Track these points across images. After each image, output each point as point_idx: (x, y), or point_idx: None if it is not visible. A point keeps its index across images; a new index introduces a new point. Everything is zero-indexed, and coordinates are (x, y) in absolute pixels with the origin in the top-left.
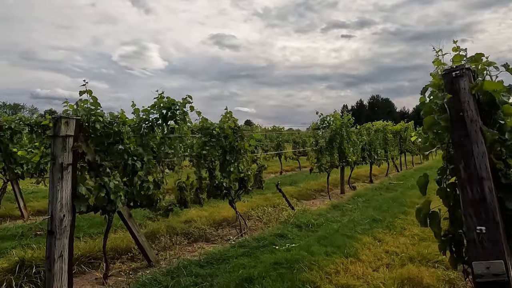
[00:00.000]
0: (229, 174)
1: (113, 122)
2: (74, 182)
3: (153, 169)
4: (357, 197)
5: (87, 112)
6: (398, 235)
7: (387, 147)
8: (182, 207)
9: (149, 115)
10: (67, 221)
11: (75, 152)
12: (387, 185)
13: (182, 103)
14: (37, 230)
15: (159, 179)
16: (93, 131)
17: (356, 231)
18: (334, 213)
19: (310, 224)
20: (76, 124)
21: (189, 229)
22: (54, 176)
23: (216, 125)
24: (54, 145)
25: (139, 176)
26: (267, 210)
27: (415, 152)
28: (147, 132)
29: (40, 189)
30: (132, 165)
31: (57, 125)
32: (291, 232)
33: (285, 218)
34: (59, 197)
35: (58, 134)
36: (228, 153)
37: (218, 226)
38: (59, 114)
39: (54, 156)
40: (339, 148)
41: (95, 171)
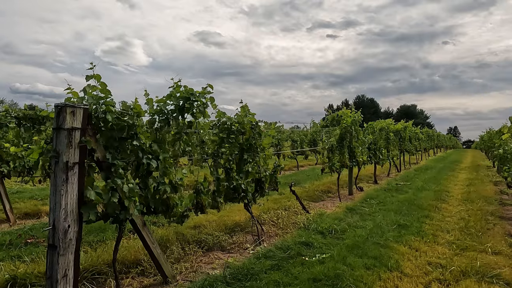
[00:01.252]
0: (246, 175)
1: (125, 113)
2: (81, 185)
3: (170, 169)
4: (370, 199)
5: (97, 101)
6: (433, 243)
7: (389, 147)
8: (199, 212)
9: (165, 106)
10: (72, 232)
11: (82, 148)
12: (395, 186)
13: (201, 93)
14: (27, 237)
15: (176, 181)
16: (103, 124)
17: (387, 238)
18: (352, 218)
19: (332, 230)
20: (84, 114)
21: (201, 236)
22: (57, 178)
23: (234, 120)
24: (57, 140)
25: (154, 178)
26: (281, 214)
27: (412, 152)
28: (162, 126)
29: (25, 188)
30: (147, 164)
31: (61, 115)
32: (316, 240)
33: (303, 223)
34: (63, 203)
35: (62, 127)
36: (246, 152)
37: (230, 232)
38: (63, 102)
39: (58, 153)
40: (349, 147)
41: (106, 171)
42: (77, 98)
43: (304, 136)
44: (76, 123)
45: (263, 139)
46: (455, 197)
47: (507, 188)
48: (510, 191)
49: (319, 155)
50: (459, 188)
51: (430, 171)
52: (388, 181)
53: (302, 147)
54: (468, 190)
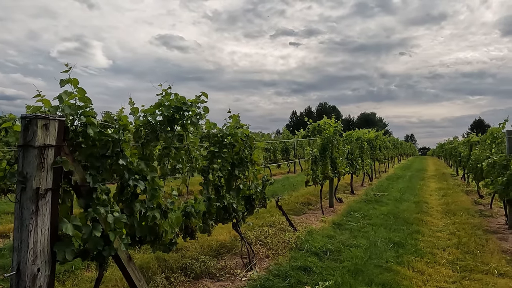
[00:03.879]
0: (237, 192)
1: (108, 126)
2: (54, 216)
3: (159, 191)
4: (353, 212)
5: (75, 111)
6: (435, 264)
7: (363, 156)
8: (188, 237)
9: (155, 117)
10: (43, 278)
11: (56, 170)
12: (373, 197)
13: (194, 102)
14: None
15: (166, 205)
16: (83, 139)
17: (387, 260)
18: (343, 235)
19: (327, 251)
20: (60, 128)
21: (185, 261)
22: (24, 209)
23: (225, 132)
24: (24, 161)
25: (142, 202)
26: (269, 232)
27: (381, 160)
28: (149, 140)
29: None
30: (133, 186)
31: (30, 129)
32: (313, 264)
33: (293, 242)
34: (32, 241)
35: (32, 144)
36: (236, 167)
37: (216, 255)
38: (33, 113)
39: (25, 178)
40: (331, 158)
41: (86, 197)
42: (49, 107)
43: (277, 145)
44: (50, 139)
45: (254, 152)
46: (435, 209)
47: (479, 198)
48: (483, 201)
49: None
50: (435, 199)
51: (402, 180)
52: (365, 192)
53: (275, 156)
54: (446, 201)
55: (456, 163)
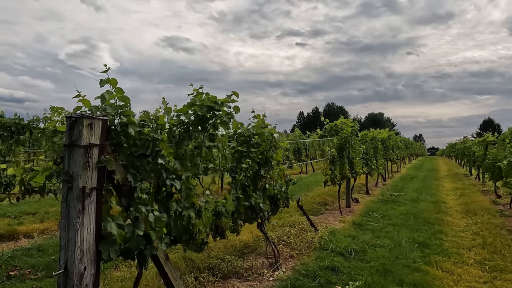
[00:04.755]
0: (264, 192)
1: (146, 125)
2: (98, 216)
3: (194, 190)
4: (372, 212)
5: (117, 111)
6: (463, 264)
7: (377, 156)
8: (218, 237)
9: (189, 116)
10: (89, 276)
11: (100, 170)
12: (390, 197)
13: (225, 101)
14: (9, 269)
15: (201, 204)
16: (125, 139)
17: (414, 260)
18: (366, 235)
19: (352, 251)
20: (103, 127)
21: (211, 261)
22: (71, 208)
23: (252, 132)
24: (70, 160)
25: (178, 201)
26: (290, 232)
27: (394, 161)
28: (182, 139)
29: None
30: (170, 186)
31: (76, 128)
32: (340, 264)
33: (317, 242)
34: (79, 240)
35: (78, 143)
36: (262, 166)
37: (241, 255)
38: (80, 112)
39: (71, 177)
40: (348, 158)
41: (127, 197)
42: (89, 107)
43: (289, 145)
44: (94, 138)
45: (278, 152)
46: (454, 209)
47: (497, 198)
48: (501, 200)
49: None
50: (453, 199)
51: (416, 180)
52: (381, 192)
53: (288, 156)
54: (464, 201)
55: (470, 163)
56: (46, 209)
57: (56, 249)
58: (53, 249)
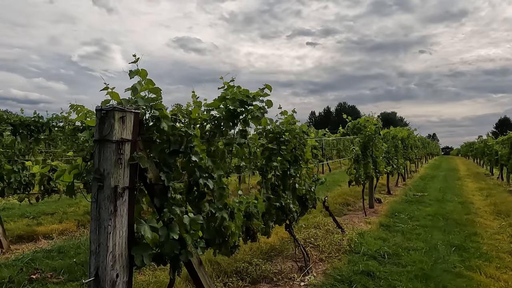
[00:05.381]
0: (293, 192)
1: (176, 119)
2: (131, 218)
3: (227, 190)
4: (398, 213)
5: (148, 103)
6: (507, 269)
7: (397, 155)
8: (249, 240)
9: (222, 111)
10: (121, 284)
11: (132, 168)
12: (413, 197)
13: (257, 95)
14: (30, 271)
15: (234, 205)
16: (158, 134)
17: (454, 264)
18: (395, 237)
19: (385, 254)
20: (135, 121)
21: (238, 265)
22: (102, 210)
23: (282, 129)
24: (101, 157)
25: (210, 202)
26: (316, 234)
27: (412, 160)
28: (213, 136)
29: (13, 204)
30: (204, 185)
31: (107, 122)
32: (375, 268)
33: (346, 245)
34: (111, 244)
35: (109, 138)
36: (292, 165)
37: (267, 258)
38: (110, 105)
39: (102, 175)
40: (372, 157)
41: (160, 197)
42: (118, 101)
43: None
44: (126, 133)
45: (306, 150)
46: (483, 210)
47: None
48: None
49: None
50: (480, 200)
51: (437, 180)
52: (404, 192)
53: None
54: (492, 202)
55: (491, 162)
56: (64, 209)
57: (77, 251)
58: (74, 251)
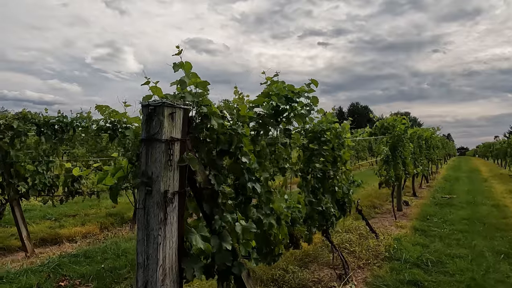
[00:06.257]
0: (333, 196)
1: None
2: (181, 226)
3: (275, 194)
4: (430, 217)
5: (197, 99)
6: None
7: (421, 156)
8: (291, 247)
9: (268, 107)
10: None
11: (181, 170)
12: (442, 200)
13: (301, 90)
14: (58, 278)
15: (281, 210)
16: (209, 132)
17: (507, 274)
18: (434, 242)
19: (428, 261)
20: (184, 119)
21: (274, 272)
22: (151, 217)
23: (323, 128)
24: (149, 158)
25: (258, 207)
26: (350, 238)
27: (434, 161)
28: (257, 135)
29: (33, 206)
30: (252, 189)
31: (155, 119)
32: (420, 277)
33: (384, 251)
34: (161, 256)
35: (158, 137)
36: (331, 166)
37: (302, 265)
38: (159, 100)
39: (150, 179)
40: (401, 158)
41: (210, 203)
42: (161, 96)
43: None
44: (176, 131)
45: (345, 150)
46: None
47: None
48: None
49: None
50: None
51: (461, 181)
52: (431, 194)
53: None
54: None
55: None
56: (86, 211)
57: (103, 256)
58: (100, 256)
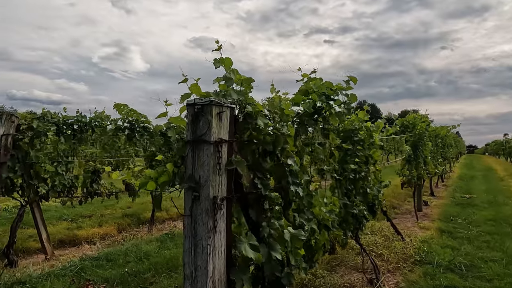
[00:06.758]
0: (365, 197)
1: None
2: (229, 235)
3: (316, 197)
4: (453, 218)
5: (242, 97)
6: None
7: (438, 154)
8: (327, 253)
9: (309, 106)
10: None
11: (229, 174)
12: (462, 199)
13: (339, 88)
14: (82, 283)
15: (323, 215)
16: (255, 133)
17: None
18: (463, 245)
19: (461, 265)
20: (231, 118)
21: (302, 277)
22: (199, 226)
23: (356, 127)
24: (196, 161)
25: (300, 212)
26: (376, 241)
27: (449, 160)
28: (296, 135)
29: (49, 206)
30: (295, 193)
31: (202, 118)
32: (457, 283)
33: (413, 254)
34: (210, 267)
35: (206, 138)
36: (364, 166)
37: (329, 268)
38: (207, 98)
39: (197, 184)
40: (422, 157)
41: (256, 208)
42: (201, 95)
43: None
44: (223, 132)
45: (376, 150)
46: None
47: None
48: None
49: None
50: None
51: (477, 180)
52: (449, 194)
53: None
54: None
55: None
56: (101, 211)
57: (126, 259)
58: (123, 259)
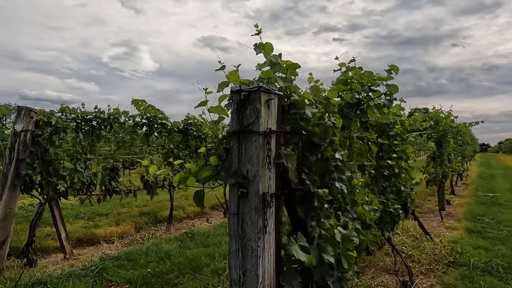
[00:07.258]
0: (398, 195)
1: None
2: (277, 235)
3: (360, 195)
4: (480, 217)
5: (288, 84)
6: None
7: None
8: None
9: (352, 96)
10: None
11: (277, 168)
12: (486, 198)
13: (379, 78)
14: (104, 285)
15: (366, 213)
16: (303, 123)
17: None
18: (496, 245)
19: (499, 267)
20: (278, 107)
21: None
22: (247, 225)
23: (391, 121)
24: (243, 154)
25: (344, 211)
26: (404, 241)
27: (467, 157)
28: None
29: (65, 204)
30: (340, 190)
31: (249, 107)
32: (496, 284)
33: (445, 255)
34: (260, 272)
35: (254, 129)
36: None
37: (360, 270)
38: (256, 84)
39: (245, 178)
40: (446, 154)
41: (304, 206)
42: (238, 84)
43: None
44: (272, 122)
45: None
46: None
47: None
48: None
49: None
50: None
51: (498, 179)
52: (471, 192)
53: None
54: None
55: None
56: (118, 209)
57: (147, 259)
58: (144, 259)
